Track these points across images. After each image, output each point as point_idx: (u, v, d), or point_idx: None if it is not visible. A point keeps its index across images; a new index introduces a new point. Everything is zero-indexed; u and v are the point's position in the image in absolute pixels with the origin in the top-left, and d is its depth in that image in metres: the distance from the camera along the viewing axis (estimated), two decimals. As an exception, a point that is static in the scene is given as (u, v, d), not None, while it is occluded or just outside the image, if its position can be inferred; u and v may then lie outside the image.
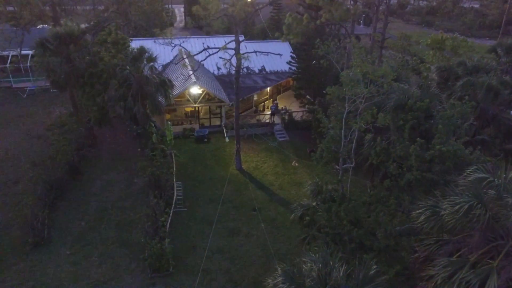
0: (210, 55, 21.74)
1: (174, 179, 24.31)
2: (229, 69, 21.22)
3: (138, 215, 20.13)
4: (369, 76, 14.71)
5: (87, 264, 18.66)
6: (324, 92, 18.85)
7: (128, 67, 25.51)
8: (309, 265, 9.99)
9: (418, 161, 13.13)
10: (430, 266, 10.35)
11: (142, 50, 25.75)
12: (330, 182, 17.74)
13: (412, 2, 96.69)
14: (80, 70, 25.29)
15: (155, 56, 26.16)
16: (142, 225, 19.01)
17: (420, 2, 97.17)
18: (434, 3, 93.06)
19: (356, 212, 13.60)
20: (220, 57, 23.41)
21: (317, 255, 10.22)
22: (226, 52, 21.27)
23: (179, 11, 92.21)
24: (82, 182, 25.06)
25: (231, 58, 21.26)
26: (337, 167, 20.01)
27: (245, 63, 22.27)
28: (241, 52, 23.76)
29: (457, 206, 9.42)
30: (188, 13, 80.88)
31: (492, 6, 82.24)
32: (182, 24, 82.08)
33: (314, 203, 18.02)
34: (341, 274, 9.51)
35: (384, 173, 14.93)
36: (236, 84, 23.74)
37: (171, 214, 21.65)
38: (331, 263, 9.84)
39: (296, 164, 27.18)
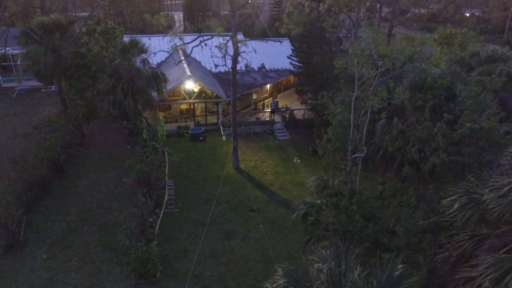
0: (204, 40, 20.08)
1: (166, 178, 22.47)
2: (225, 54, 19.47)
3: (123, 214, 18.16)
4: (382, 51, 12.97)
5: (65, 269, 16.65)
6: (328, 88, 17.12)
7: (118, 59, 23.84)
8: (317, 265, 8.06)
9: (445, 142, 11.27)
10: (466, 266, 8.46)
11: (133, 41, 24.14)
12: (337, 176, 15.85)
13: (412, 9, 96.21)
14: (66, 61, 23.62)
15: (147, 47, 24.51)
16: (127, 226, 17.04)
17: (421, 10, 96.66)
18: (435, 10, 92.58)
19: (370, 205, 11.69)
20: (216, 46, 21.74)
21: (327, 251, 8.30)
22: (222, 38, 19.61)
23: (178, 16, 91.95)
24: (66, 182, 23.18)
25: (227, 42, 19.56)
26: (343, 166, 18.18)
27: (241, 48, 20.55)
28: (239, 48, 22.12)
29: (506, 188, 7.55)
30: (187, 17, 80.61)
31: (494, 12, 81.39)
32: (181, 29, 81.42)
33: (318, 201, 16.14)
34: (356, 274, 7.55)
35: (400, 162, 13.07)
36: (233, 74, 22.02)
37: (161, 215, 19.74)
38: (343, 265, 7.85)
39: (298, 161, 25.32)
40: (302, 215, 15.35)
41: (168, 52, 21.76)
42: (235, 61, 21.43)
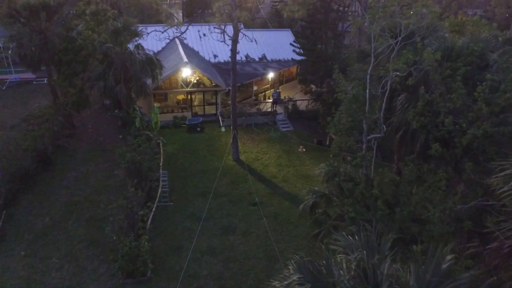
0: (200, 13, 18.35)
1: (161, 170, 20.78)
2: (224, 31, 17.80)
3: (110, 206, 16.50)
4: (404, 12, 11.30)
5: (45, 267, 14.92)
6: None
7: (110, 44, 22.15)
8: (340, 256, 6.35)
9: (487, 110, 9.55)
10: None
11: (125, 23, 22.47)
12: (349, 162, 14.16)
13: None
14: (54, 45, 21.96)
15: (140, 30, 22.87)
16: (114, 219, 15.31)
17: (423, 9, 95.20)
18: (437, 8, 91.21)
19: (394, 189, 9.96)
20: (215, 27, 20.15)
21: (355, 236, 6.59)
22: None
23: (177, 14, 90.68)
24: (53, 174, 21.46)
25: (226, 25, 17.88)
26: (349, 157, 16.54)
27: (241, 25, 18.88)
28: (240, 39, 20.58)
29: None
30: (186, 14, 79.31)
31: (497, 9, 79.82)
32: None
33: (327, 192, 14.47)
34: (397, 266, 5.76)
35: (424, 142, 11.35)
36: (233, 56, 20.35)
37: (154, 209, 18.04)
38: (377, 255, 6.04)
39: (304, 150, 23.64)
40: (310, 206, 13.61)
41: (162, 32, 20.00)
42: (235, 41, 19.77)
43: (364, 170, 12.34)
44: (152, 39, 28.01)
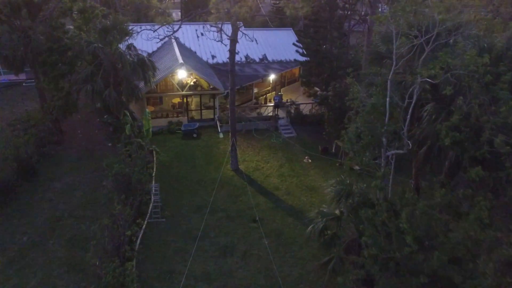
0: (196, 13, 16.68)
1: (153, 182, 19.09)
2: (221, 29, 16.10)
3: (92, 227, 14.81)
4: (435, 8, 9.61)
5: (17, 297, 13.22)
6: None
7: (98, 44, 20.41)
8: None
9: None
10: None
11: (115, 21, 20.73)
12: (362, 180, 12.46)
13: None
14: (38, 44, 20.25)
15: (131, 29, 21.15)
16: (97, 241, 13.59)
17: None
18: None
19: (430, 222, 8.21)
20: (212, 25, 18.44)
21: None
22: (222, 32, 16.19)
23: (176, 14, 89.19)
24: (36, 185, 19.79)
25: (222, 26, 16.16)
26: (357, 167, 14.82)
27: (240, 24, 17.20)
28: (239, 39, 18.94)
29: None
30: (184, 14, 77.76)
31: (501, 8, 78.29)
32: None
33: (338, 213, 12.75)
34: None
35: (455, 161, 9.62)
36: (231, 58, 18.63)
37: (144, 226, 16.33)
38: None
39: (309, 161, 21.91)
40: (320, 229, 11.91)
41: (153, 31, 18.27)
42: (234, 41, 18.06)
43: (384, 192, 10.63)
44: (146, 39, 26.41)
